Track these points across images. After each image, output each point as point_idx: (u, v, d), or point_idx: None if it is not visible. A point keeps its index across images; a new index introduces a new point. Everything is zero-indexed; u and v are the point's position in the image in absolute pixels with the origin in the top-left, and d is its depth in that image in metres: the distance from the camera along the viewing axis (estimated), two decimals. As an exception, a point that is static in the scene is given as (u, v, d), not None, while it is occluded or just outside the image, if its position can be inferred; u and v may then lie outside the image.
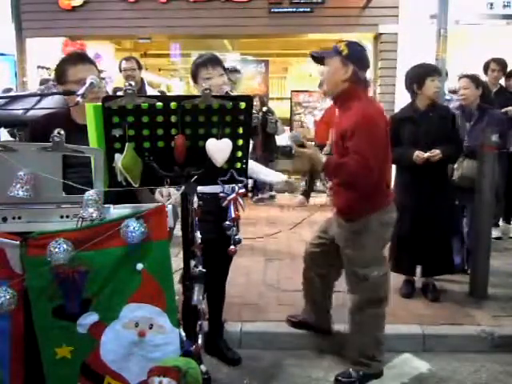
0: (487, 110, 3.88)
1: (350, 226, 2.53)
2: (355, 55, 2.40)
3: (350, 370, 2.60)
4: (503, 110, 4.76)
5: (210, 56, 2.53)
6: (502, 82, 5.10)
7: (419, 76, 3.37)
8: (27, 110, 2.54)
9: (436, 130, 3.33)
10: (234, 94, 2.11)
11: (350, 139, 2.32)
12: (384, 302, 2.59)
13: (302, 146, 2.37)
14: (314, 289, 2.90)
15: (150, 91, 4.71)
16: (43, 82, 5.64)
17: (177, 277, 1.69)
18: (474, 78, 3.90)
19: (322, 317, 2.96)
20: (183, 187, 1.59)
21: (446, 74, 5.50)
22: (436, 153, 3.22)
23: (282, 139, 8.41)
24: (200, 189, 1.81)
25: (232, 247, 2.08)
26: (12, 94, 4.06)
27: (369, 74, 2.52)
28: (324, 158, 2.36)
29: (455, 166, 3.71)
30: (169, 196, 1.95)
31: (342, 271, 2.75)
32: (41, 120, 2.16)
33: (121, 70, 4.96)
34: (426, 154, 3.23)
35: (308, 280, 2.92)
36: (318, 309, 2.95)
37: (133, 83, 1.54)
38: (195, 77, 2.52)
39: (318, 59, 2.52)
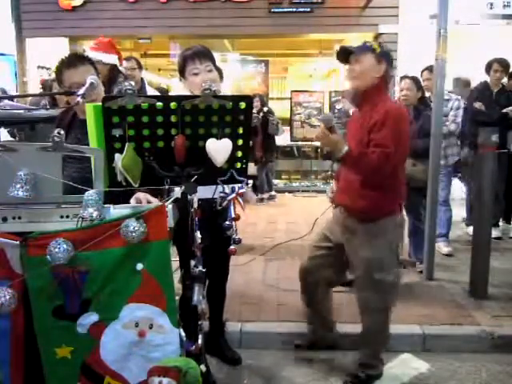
0: (422, 112, 3.97)
1: (367, 228, 2.42)
2: (386, 54, 2.44)
3: (357, 372, 2.58)
4: (504, 111, 4.77)
5: (199, 48, 2.35)
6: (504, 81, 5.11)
7: None
8: (28, 109, 2.55)
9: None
10: (222, 93, 1.93)
11: (378, 131, 2.27)
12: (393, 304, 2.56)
13: (331, 129, 2.28)
14: (320, 306, 2.76)
15: (150, 91, 4.71)
16: (44, 82, 5.65)
17: (177, 277, 1.69)
18: (416, 80, 4.02)
19: (330, 329, 2.84)
20: (183, 187, 1.59)
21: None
22: None
23: (282, 140, 8.44)
24: None
25: (232, 247, 2.08)
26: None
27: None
28: (346, 147, 2.26)
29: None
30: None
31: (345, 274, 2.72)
32: (59, 115, 2.32)
33: (121, 70, 4.95)
34: None
35: (311, 298, 2.75)
36: (327, 323, 2.82)
37: (133, 83, 1.54)
38: (182, 71, 2.36)
39: (344, 56, 2.45)
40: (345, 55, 2.46)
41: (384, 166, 2.26)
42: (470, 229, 4.46)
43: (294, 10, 7.13)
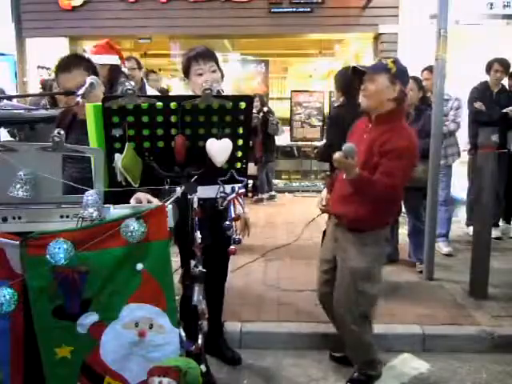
0: (423, 111, 3.97)
1: (358, 238, 2.41)
2: (401, 73, 2.37)
3: (357, 373, 2.56)
4: (504, 111, 4.77)
5: (203, 49, 2.39)
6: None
7: None
8: (28, 109, 2.55)
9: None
10: (225, 93, 1.97)
11: (391, 160, 2.27)
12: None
13: (349, 155, 2.24)
14: None
15: (150, 91, 4.71)
16: (44, 82, 5.66)
17: (177, 277, 1.69)
18: (418, 81, 4.03)
19: None
20: (183, 187, 1.59)
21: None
22: None
23: (282, 140, 8.43)
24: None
25: (232, 247, 2.08)
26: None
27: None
28: (358, 170, 2.26)
29: None
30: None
31: None
32: (58, 115, 2.32)
33: (120, 70, 4.95)
34: None
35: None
36: None
37: (133, 83, 1.54)
38: (187, 71, 2.39)
39: (359, 72, 2.40)
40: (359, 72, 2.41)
41: (389, 195, 2.32)
42: (470, 229, 4.46)
43: (294, 9, 7.13)
